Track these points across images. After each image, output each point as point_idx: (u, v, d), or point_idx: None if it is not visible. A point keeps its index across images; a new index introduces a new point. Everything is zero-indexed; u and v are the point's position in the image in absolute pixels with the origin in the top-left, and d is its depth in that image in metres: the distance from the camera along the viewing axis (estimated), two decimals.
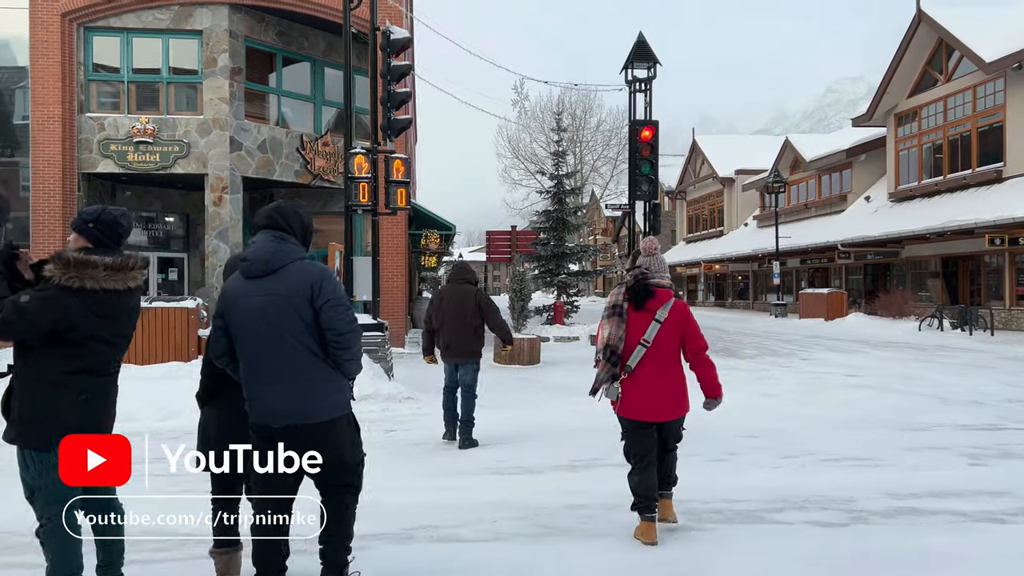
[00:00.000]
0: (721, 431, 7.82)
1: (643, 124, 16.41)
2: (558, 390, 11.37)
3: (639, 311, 4.33)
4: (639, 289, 4.35)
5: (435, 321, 7.42)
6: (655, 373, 4.29)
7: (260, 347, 3.20)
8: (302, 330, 3.19)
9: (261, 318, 3.18)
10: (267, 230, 3.31)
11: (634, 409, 4.32)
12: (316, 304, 3.18)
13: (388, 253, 16.24)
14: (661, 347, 4.29)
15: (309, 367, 3.21)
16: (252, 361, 3.24)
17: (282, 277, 3.21)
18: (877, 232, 27.20)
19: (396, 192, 10.00)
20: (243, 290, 3.26)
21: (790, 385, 11.85)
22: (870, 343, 19.67)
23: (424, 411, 9.36)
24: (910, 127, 28.76)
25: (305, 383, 3.20)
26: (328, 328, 3.20)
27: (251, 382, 3.25)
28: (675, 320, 4.33)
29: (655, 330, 4.27)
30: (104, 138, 15.82)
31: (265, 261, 3.22)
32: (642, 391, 4.29)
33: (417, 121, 48.26)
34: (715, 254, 42.32)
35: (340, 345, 3.23)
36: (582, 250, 21.77)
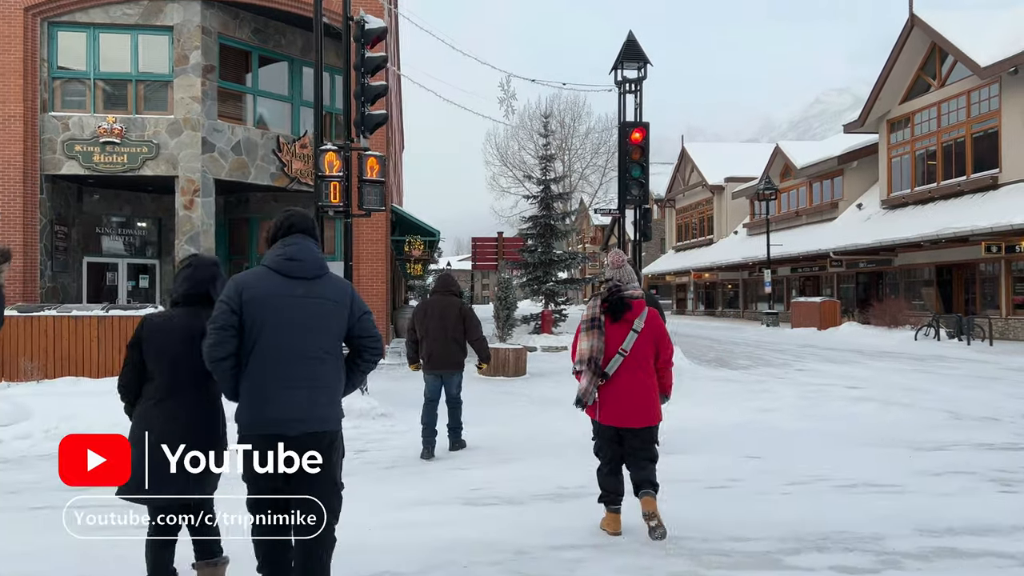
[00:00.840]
0: (721, 452, 7.17)
1: (633, 126, 15.80)
2: (544, 404, 10.70)
3: (616, 322, 4.53)
4: (616, 302, 4.53)
5: (419, 331, 7.43)
6: (631, 381, 4.48)
7: (295, 350, 3.10)
8: (336, 337, 3.20)
9: (306, 320, 3.12)
10: (306, 235, 3.29)
11: (609, 415, 4.51)
12: (356, 312, 3.25)
13: (367, 259, 15.53)
14: (638, 355, 4.50)
15: (335, 375, 3.22)
16: (280, 363, 3.09)
17: (326, 283, 3.22)
18: (870, 240, 26.72)
19: (371, 193, 9.32)
20: (284, 289, 3.15)
21: (789, 399, 11.22)
22: (866, 353, 19.10)
23: (398, 428, 8.67)
24: (903, 133, 28.33)
25: (332, 391, 3.21)
26: (369, 335, 3.28)
27: (270, 385, 3.08)
28: (650, 329, 4.55)
29: (632, 340, 4.48)
30: (68, 138, 15.05)
31: (320, 264, 3.22)
32: (618, 398, 4.48)
33: (404, 127, 47.70)
34: (705, 262, 41.79)
35: (376, 353, 3.32)
36: (570, 257, 21.08)
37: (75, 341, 10.23)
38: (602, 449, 4.64)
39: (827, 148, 35.62)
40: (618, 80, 16.43)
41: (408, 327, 7.64)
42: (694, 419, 9.33)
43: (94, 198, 17.17)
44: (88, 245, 17.31)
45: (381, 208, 9.41)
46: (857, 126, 29.85)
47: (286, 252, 3.22)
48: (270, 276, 3.19)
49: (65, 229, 16.43)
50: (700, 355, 18.83)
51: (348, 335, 3.29)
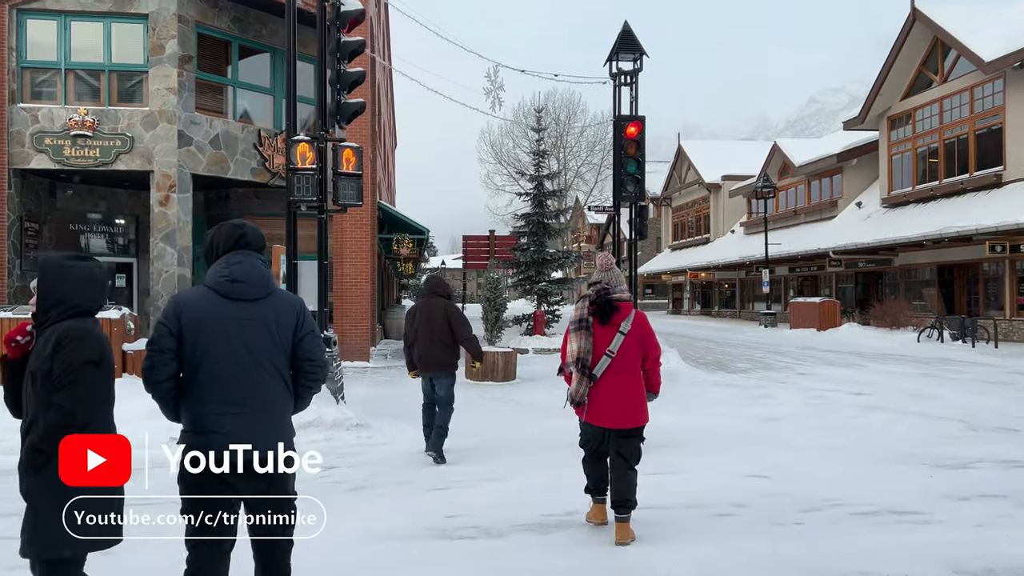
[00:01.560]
0: (724, 469, 6.55)
1: (629, 120, 15.18)
2: (533, 411, 10.08)
3: (604, 325, 4.59)
4: (604, 304, 4.60)
5: (409, 335, 7.42)
6: (618, 382, 4.56)
7: (238, 374, 2.98)
8: (281, 359, 3.07)
9: (246, 344, 2.99)
10: (251, 251, 3.12)
11: (597, 415, 4.59)
12: (300, 333, 3.11)
13: (351, 258, 14.88)
14: (625, 357, 4.58)
15: (281, 397, 3.08)
16: (223, 388, 2.97)
17: (273, 302, 3.08)
18: (870, 239, 26.18)
19: (347, 187, 8.68)
20: (222, 311, 3.00)
21: (793, 406, 10.62)
22: (868, 355, 18.53)
23: (375, 441, 8.04)
24: (904, 130, 27.76)
25: (279, 415, 3.08)
26: (309, 359, 3.13)
27: (212, 411, 2.96)
28: (637, 331, 4.63)
29: (619, 341, 4.56)
30: (38, 131, 14.36)
31: (264, 285, 3.07)
32: (605, 399, 4.56)
33: (396, 126, 47.03)
34: (701, 262, 41.20)
35: (317, 377, 3.18)
36: (564, 256, 20.41)
37: None
38: (587, 442, 4.78)
39: (826, 146, 35.07)
40: (613, 72, 15.81)
41: (404, 331, 7.62)
42: (693, 429, 8.73)
43: (67, 194, 16.48)
44: (61, 243, 16.61)
45: (358, 203, 8.77)
46: (857, 123, 29.28)
47: (230, 272, 3.04)
48: (211, 297, 3.02)
49: (36, 226, 15.75)
50: (698, 358, 18.24)
51: (292, 355, 3.13)
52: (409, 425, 8.64)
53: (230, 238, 3.11)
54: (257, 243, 3.16)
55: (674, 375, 14.34)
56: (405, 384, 13.02)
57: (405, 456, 7.41)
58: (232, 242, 3.10)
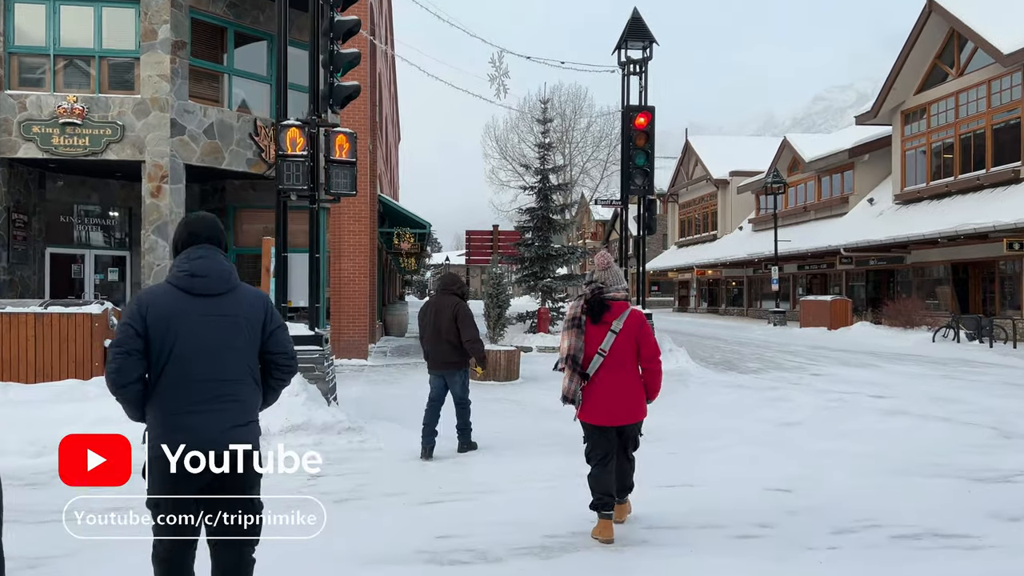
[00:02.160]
0: (743, 482, 6.02)
1: (637, 110, 14.66)
2: (535, 414, 9.56)
3: (596, 324, 4.58)
4: (595, 304, 4.61)
5: (420, 331, 7.41)
6: (612, 380, 4.54)
7: (204, 372, 2.93)
8: (251, 355, 3.05)
9: (214, 340, 2.95)
10: (212, 246, 3.07)
11: (594, 414, 4.56)
12: (269, 327, 3.08)
13: (348, 252, 14.36)
14: (618, 355, 4.55)
15: (251, 394, 3.05)
16: (190, 387, 2.91)
17: (238, 298, 3.03)
18: (883, 236, 25.56)
19: (340, 175, 8.15)
20: (188, 308, 2.94)
21: (809, 410, 10.08)
22: (882, 355, 17.97)
23: (368, 446, 7.52)
24: (918, 125, 27.13)
25: (248, 413, 3.04)
26: (281, 351, 3.11)
27: (180, 410, 2.90)
28: (630, 329, 4.58)
29: (611, 340, 4.54)
30: (25, 119, 13.85)
31: (227, 279, 3.01)
32: (600, 397, 4.54)
33: (400, 120, 46.53)
34: (708, 259, 40.59)
35: (290, 369, 3.16)
36: (569, 252, 19.85)
37: (8, 341, 9.08)
38: (593, 450, 4.63)
39: (837, 141, 34.44)
40: (621, 61, 15.27)
41: (419, 329, 7.55)
42: (706, 434, 8.21)
43: (58, 184, 15.98)
44: (51, 235, 16.14)
45: (351, 193, 8.25)
46: (870, 117, 28.65)
47: (190, 267, 2.98)
48: (173, 294, 2.96)
49: (24, 217, 15.25)
50: (706, 356, 17.69)
51: (261, 350, 3.08)
52: (404, 428, 8.14)
53: (189, 233, 3.06)
54: (208, 234, 3.08)
55: (683, 375, 13.81)
56: (402, 383, 12.57)
57: (398, 463, 6.90)
58: (191, 237, 3.05)
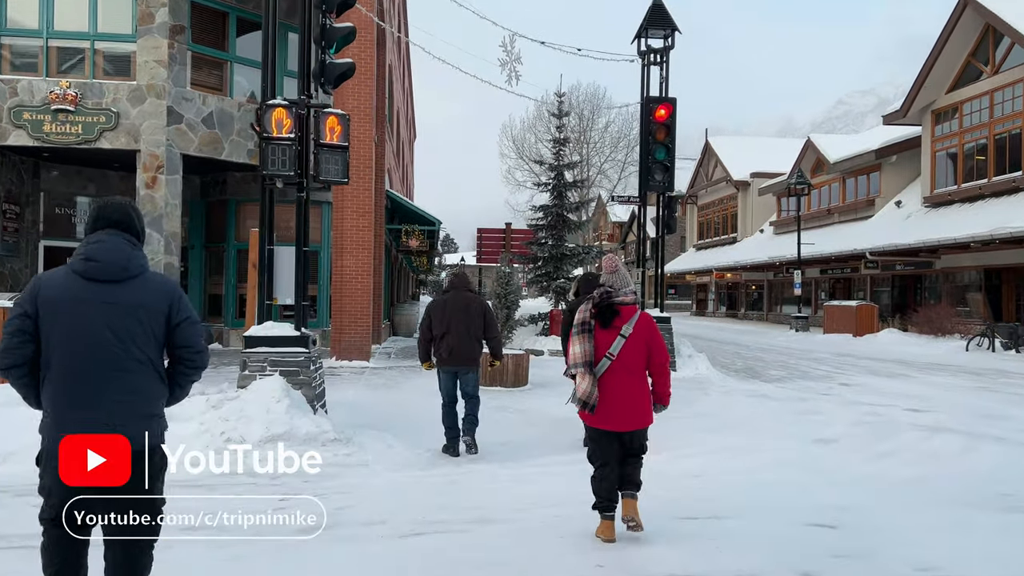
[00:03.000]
0: (777, 515, 5.21)
1: (658, 102, 13.84)
2: (545, 426, 8.76)
3: (606, 328, 4.52)
4: (604, 308, 4.55)
5: (437, 329, 7.20)
6: (620, 385, 4.48)
7: (96, 361, 2.78)
8: (151, 345, 2.88)
9: (108, 328, 2.79)
10: (117, 230, 2.90)
11: (601, 419, 4.49)
12: (174, 320, 2.92)
13: (351, 249, 13.63)
14: (626, 360, 4.48)
15: (149, 386, 2.89)
16: (79, 376, 2.77)
17: (138, 286, 2.86)
18: (912, 240, 24.53)
19: (330, 160, 7.42)
20: (81, 293, 2.80)
21: (844, 425, 9.23)
22: (913, 364, 17.02)
23: (354, 460, 6.76)
24: (949, 125, 26.07)
25: (146, 405, 2.88)
26: (186, 346, 2.96)
27: (71, 400, 2.78)
28: (640, 334, 4.52)
29: (620, 344, 4.47)
30: (16, 105, 13.25)
31: (123, 266, 2.83)
32: (608, 402, 4.46)
33: (415, 118, 45.88)
34: (728, 262, 39.61)
35: (196, 364, 3.01)
36: (584, 252, 19.02)
37: None
38: (595, 453, 4.61)
39: (863, 142, 33.39)
40: (641, 50, 14.45)
41: (422, 326, 7.39)
42: (733, 452, 7.39)
43: (52, 175, 15.42)
44: (48, 226, 15.59)
45: (343, 180, 7.51)
46: (898, 117, 27.63)
47: (86, 251, 2.87)
48: (70, 277, 2.86)
49: (17, 208, 14.69)
50: (727, 363, 16.83)
51: (168, 343, 2.95)
52: (397, 440, 7.40)
53: (95, 217, 2.95)
54: (113, 218, 2.92)
55: (704, 383, 12.99)
56: (403, 387, 11.80)
57: (384, 481, 6.16)
58: (95, 221, 2.94)
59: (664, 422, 5.70)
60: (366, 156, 13.78)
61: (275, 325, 7.53)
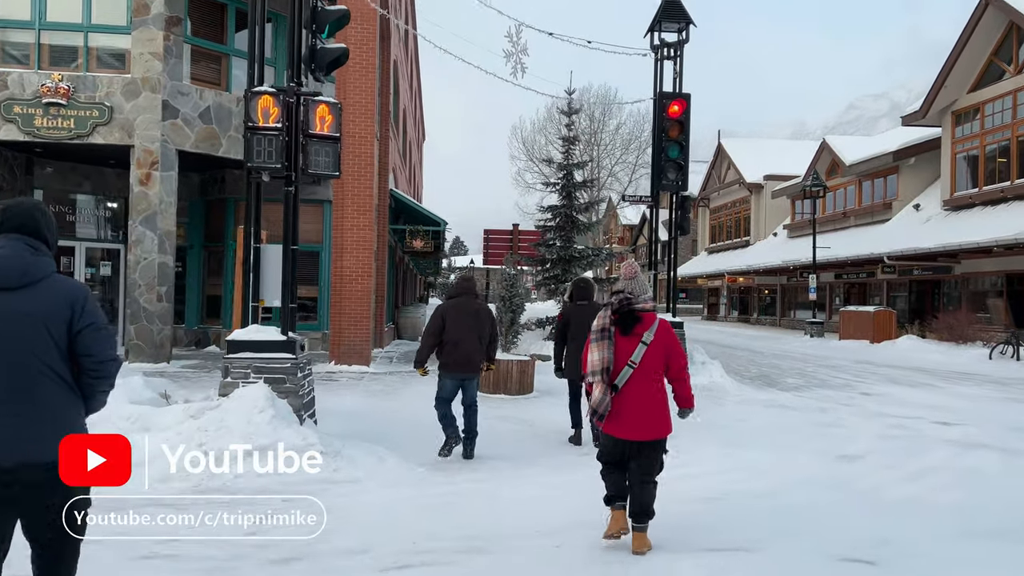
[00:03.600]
0: (804, 545, 4.64)
1: (671, 97, 13.27)
2: (551, 439, 8.20)
3: (626, 335, 4.46)
4: (625, 314, 4.48)
5: (452, 335, 6.99)
6: (641, 393, 4.41)
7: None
8: (53, 354, 2.71)
9: (6, 338, 2.65)
10: (20, 235, 2.75)
11: (620, 428, 4.42)
12: (76, 327, 2.75)
13: (351, 249, 13.12)
14: (647, 367, 4.43)
15: (53, 396, 2.73)
16: None
17: (36, 293, 2.71)
18: (932, 244, 23.82)
19: (319, 152, 6.91)
20: None
21: (869, 439, 8.64)
22: (935, 373, 16.37)
23: (341, 476, 6.23)
24: (970, 126, 25.36)
25: (49, 414, 2.72)
26: (87, 354, 2.78)
27: None
28: (661, 341, 4.47)
29: (642, 352, 4.42)
30: (6, 98, 12.83)
31: (22, 272, 2.68)
32: (629, 411, 4.39)
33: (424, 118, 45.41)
34: (740, 265, 38.92)
35: (99, 374, 2.84)
36: (594, 254, 18.45)
37: None
38: (604, 451, 4.61)
39: (880, 143, 32.67)
40: (654, 44, 13.88)
41: (432, 330, 7.10)
42: (755, 471, 6.81)
43: (47, 171, 14.99)
44: None
45: (334, 173, 7.00)
46: (917, 118, 26.91)
47: None
48: None
49: None
50: (741, 370, 16.23)
51: (70, 352, 2.74)
52: (391, 452, 6.86)
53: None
54: (29, 225, 2.79)
55: (719, 392, 12.41)
56: (402, 395, 11.24)
57: (373, 500, 5.62)
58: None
59: (679, 434, 5.25)
60: (368, 153, 13.27)
61: (260, 328, 7.02)
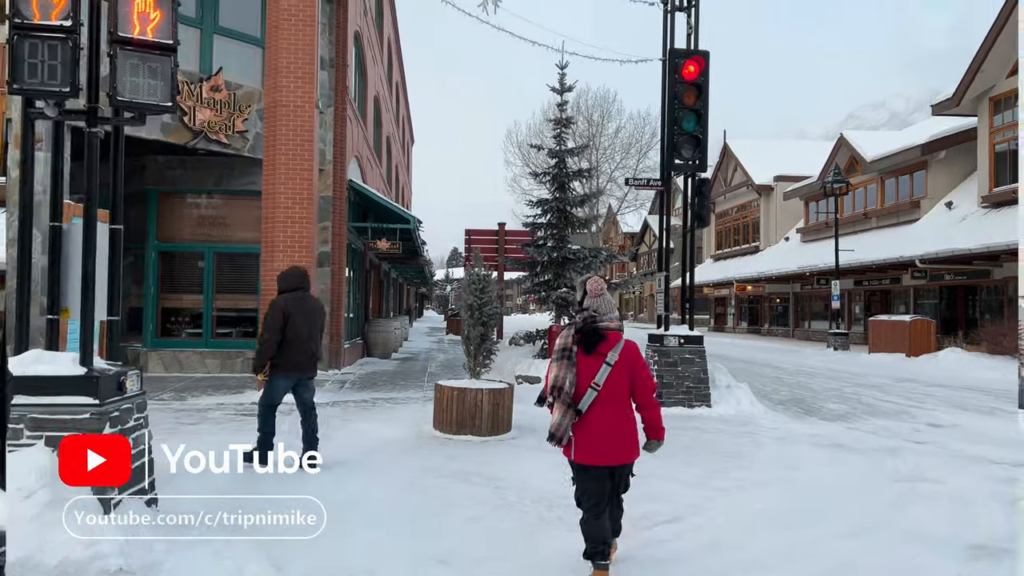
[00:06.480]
0: None
1: (686, 55, 10.66)
2: (528, 520, 5.47)
3: (589, 355, 4.21)
4: (589, 332, 4.24)
5: (291, 333, 6.47)
6: (607, 416, 4.14)
7: None
8: None
9: None
10: None
11: (587, 454, 4.15)
12: None
13: (285, 248, 10.46)
14: (612, 390, 4.18)
15: None
16: None
17: None
18: (972, 244, 21.22)
19: (140, 71, 4.28)
20: None
21: (983, 501, 6.03)
22: (1001, 395, 13.66)
23: None
24: (1011, 113, 22.78)
25: None
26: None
27: None
28: (625, 362, 4.21)
29: (606, 373, 4.16)
30: None
31: None
32: (595, 435, 4.15)
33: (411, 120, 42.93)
34: (751, 273, 36.25)
35: None
36: (592, 255, 15.74)
37: None
38: (585, 492, 4.18)
39: (905, 137, 30.08)
40: None
41: (274, 326, 6.46)
42: (827, 567, 4.13)
43: None
44: None
45: (164, 104, 4.37)
46: (951, 106, 24.34)
47: None
48: None
49: None
50: (770, 393, 13.55)
51: None
52: (248, 562, 4.17)
53: None
54: None
55: (750, 424, 9.74)
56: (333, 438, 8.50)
57: None
58: None
59: (711, 497, 4.67)
60: (307, 127, 10.65)
61: (42, 355, 4.33)
